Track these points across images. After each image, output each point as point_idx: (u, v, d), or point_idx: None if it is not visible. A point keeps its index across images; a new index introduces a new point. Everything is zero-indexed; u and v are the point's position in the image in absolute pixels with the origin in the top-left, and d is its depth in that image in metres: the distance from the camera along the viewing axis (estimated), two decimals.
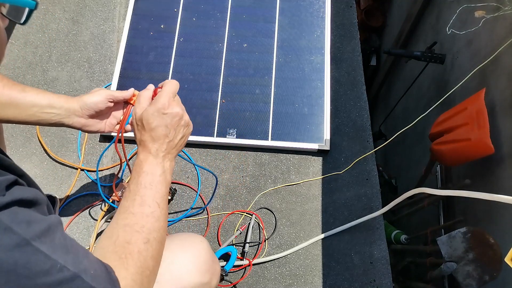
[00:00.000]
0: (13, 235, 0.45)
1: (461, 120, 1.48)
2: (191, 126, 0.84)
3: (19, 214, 0.48)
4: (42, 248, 0.48)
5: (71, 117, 0.89)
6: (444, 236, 1.41)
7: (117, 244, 0.64)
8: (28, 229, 0.47)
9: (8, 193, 0.47)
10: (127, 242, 0.65)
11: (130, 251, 0.64)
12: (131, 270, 0.62)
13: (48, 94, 0.87)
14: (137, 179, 0.73)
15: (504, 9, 1.45)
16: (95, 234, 1.23)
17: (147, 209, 0.70)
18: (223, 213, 1.34)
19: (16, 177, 0.51)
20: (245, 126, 1.42)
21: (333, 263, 1.28)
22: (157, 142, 0.76)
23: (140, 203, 0.70)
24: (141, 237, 0.66)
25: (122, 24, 1.61)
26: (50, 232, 0.51)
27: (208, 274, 0.86)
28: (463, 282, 1.33)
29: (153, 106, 0.78)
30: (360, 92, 1.54)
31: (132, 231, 0.66)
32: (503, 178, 1.39)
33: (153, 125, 0.76)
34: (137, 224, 0.67)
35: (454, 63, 1.88)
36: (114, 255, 0.63)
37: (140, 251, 0.65)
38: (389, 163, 2.80)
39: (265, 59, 1.50)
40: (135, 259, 0.63)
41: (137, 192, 0.71)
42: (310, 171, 1.41)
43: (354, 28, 1.66)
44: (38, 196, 0.54)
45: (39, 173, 1.35)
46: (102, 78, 1.51)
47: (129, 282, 0.61)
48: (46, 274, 0.47)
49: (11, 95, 0.83)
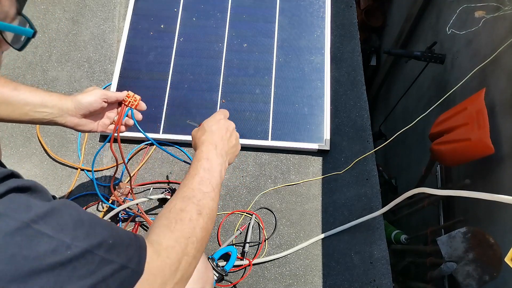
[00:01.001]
0: (10, 220, 0.45)
1: (461, 120, 1.48)
2: (240, 146, 0.94)
3: (16, 200, 0.47)
4: (45, 229, 0.47)
5: (64, 116, 0.89)
6: (444, 236, 1.41)
7: (172, 211, 0.68)
8: (27, 213, 0.47)
9: (3, 184, 0.47)
10: (181, 210, 0.69)
11: (181, 217, 0.67)
12: (177, 233, 0.64)
13: (41, 93, 0.87)
14: (197, 164, 0.79)
15: (504, 9, 1.45)
16: None
17: (205, 188, 0.75)
18: (223, 213, 1.34)
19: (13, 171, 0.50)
20: (245, 126, 1.42)
21: (333, 263, 1.28)
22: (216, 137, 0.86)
23: (199, 182, 0.76)
24: (195, 208, 0.70)
25: (122, 24, 1.61)
26: (55, 213, 0.50)
27: (201, 282, 0.85)
28: (463, 282, 1.33)
29: (212, 117, 0.92)
30: (360, 92, 1.54)
31: (188, 202, 0.71)
32: (503, 178, 1.39)
33: (214, 128, 0.87)
34: (194, 197, 0.72)
35: (454, 63, 1.88)
36: (165, 220, 0.66)
37: (191, 219, 0.68)
38: (389, 163, 2.80)
39: (265, 59, 1.50)
40: (185, 225, 0.66)
41: (197, 173, 0.77)
42: (310, 171, 1.41)
43: (354, 28, 1.66)
44: (37, 184, 0.53)
45: (39, 173, 1.35)
46: (102, 78, 1.51)
47: (171, 243, 0.62)
48: (53, 253, 0.46)
49: (3, 93, 0.82)
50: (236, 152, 0.92)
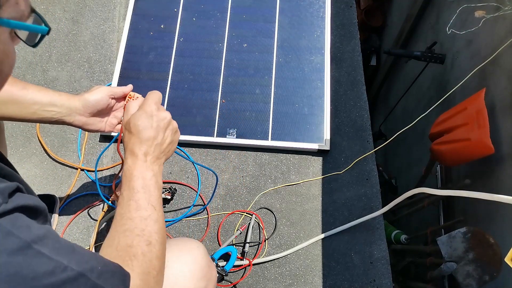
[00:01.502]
0: (15, 239, 0.45)
1: (461, 120, 1.48)
2: (179, 134, 0.84)
3: (20, 219, 0.48)
4: (44, 250, 0.48)
5: (73, 115, 0.89)
6: (444, 236, 1.41)
7: (119, 249, 0.64)
8: (29, 232, 0.48)
9: (10, 200, 0.48)
10: (129, 245, 0.64)
11: (133, 253, 0.63)
12: (137, 270, 0.62)
13: (50, 92, 0.87)
14: (128, 184, 0.72)
15: (504, 9, 1.45)
16: (95, 234, 1.23)
17: (144, 212, 0.69)
18: (223, 213, 1.34)
19: (18, 184, 0.51)
20: (245, 126, 1.42)
21: (333, 263, 1.28)
22: (144, 144, 0.75)
23: (135, 208, 0.69)
24: (143, 239, 0.66)
25: (122, 24, 1.61)
26: (51, 236, 0.51)
27: (204, 280, 0.85)
28: (463, 282, 1.33)
29: (140, 109, 0.78)
30: (360, 92, 1.54)
31: (132, 235, 0.66)
32: (503, 178, 1.39)
33: (141, 127, 0.75)
34: (136, 228, 0.67)
35: (454, 63, 1.88)
36: (117, 259, 0.62)
37: (144, 253, 0.64)
38: (389, 163, 2.80)
39: (265, 59, 1.50)
40: (140, 260, 0.63)
41: (131, 197, 0.70)
42: (310, 171, 1.41)
43: (354, 28, 1.66)
44: (39, 204, 0.54)
45: (39, 173, 1.35)
46: (102, 78, 1.51)
47: (137, 282, 0.61)
48: (50, 274, 0.47)
49: (12, 92, 0.82)
50: (174, 146, 0.83)
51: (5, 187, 0.48)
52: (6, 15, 0.46)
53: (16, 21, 0.48)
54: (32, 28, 0.52)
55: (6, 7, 0.46)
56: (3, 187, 0.48)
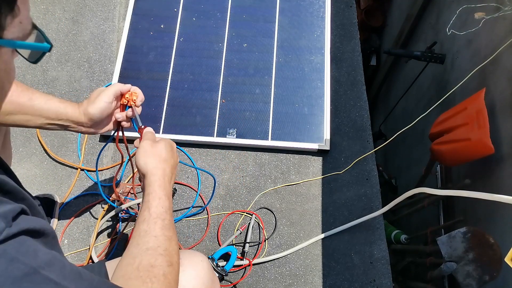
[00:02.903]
0: (20, 265, 0.44)
1: (461, 120, 1.48)
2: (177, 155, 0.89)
3: (25, 244, 0.47)
4: (51, 276, 0.47)
5: (80, 128, 0.91)
6: (444, 236, 1.41)
7: (141, 269, 0.63)
8: (35, 258, 0.46)
9: (14, 223, 0.47)
10: (152, 265, 0.64)
11: (155, 274, 0.63)
12: None
13: (55, 104, 0.87)
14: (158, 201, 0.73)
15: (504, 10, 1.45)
16: (95, 234, 1.23)
17: (168, 232, 0.70)
18: (223, 213, 1.34)
19: (22, 206, 0.50)
20: (245, 126, 1.42)
21: (333, 263, 1.28)
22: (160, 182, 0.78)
23: (161, 227, 0.70)
24: (165, 260, 0.66)
25: (122, 24, 1.61)
26: (58, 261, 0.50)
27: None
28: (463, 282, 1.33)
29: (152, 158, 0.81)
30: (360, 92, 1.54)
31: (156, 254, 0.66)
32: (503, 178, 1.39)
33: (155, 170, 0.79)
34: (160, 247, 0.67)
35: (454, 63, 1.88)
36: (138, 280, 0.61)
37: (165, 274, 0.64)
38: (389, 163, 2.80)
39: (265, 59, 1.50)
40: (161, 282, 0.62)
41: (158, 215, 0.71)
42: (310, 171, 1.41)
43: (354, 28, 1.66)
44: (45, 226, 0.53)
45: (39, 173, 1.35)
46: (102, 78, 1.51)
47: None
48: None
49: (19, 103, 0.83)
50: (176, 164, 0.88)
51: (8, 211, 0.47)
52: (10, 35, 0.46)
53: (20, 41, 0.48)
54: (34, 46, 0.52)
55: (10, 28, 0.46)
56: (7, 210, 0.46)
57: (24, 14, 0.48)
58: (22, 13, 0.47)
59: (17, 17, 0.46)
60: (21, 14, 0.47)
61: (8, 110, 0.82)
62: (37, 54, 0.54)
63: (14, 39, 0.47)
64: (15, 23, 0.46)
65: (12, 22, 0.46)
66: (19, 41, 0.48)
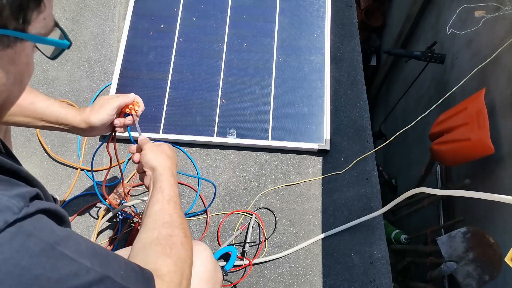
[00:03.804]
0: (37, 241, 0.45)
1: (461, 120, 1.48)
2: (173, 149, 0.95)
3: (42, 221, 0.48)
4: (67, 252, 0.48)
5: (79, 132, 0.95)
6: (444, 236, 1.41)
7: (160, 238, 0.69)
8: (51, 234, 0.48)
9: (32, 204, 0.48)
10: (170, 235, 0.70)
11: (173, 242, 0.69)
12: (175, 258, 0.67)
13: (56, 109, 0.90)
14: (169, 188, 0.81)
15: (504, 9, 1.45)
16: (95, 234, 1.23)
17: (180, 212, 0.78)
18: (223, 213, 1.34)
19: (37, 190, 0.51)
20: (245, 126, 1.42)
21: (333, 263, 1.28)
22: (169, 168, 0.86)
23: (174, 207, 0.77)
24: (182, 232, 0.73)
25: (122, 24, 1.61)
26: (73, 238, 0.51)
27: (210, 283, 0.85)
28: (463, 282, 1.33)
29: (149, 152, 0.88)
30: (360, 92, 1.54)
31: (172, 227, 0.73)
32: (503, 178, 1.39)
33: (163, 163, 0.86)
34: (175, 221, 0.74)
35: (454, 63, 1.88)
36: (157, 247, 0.67)
37: (182, 243, 0.71)
38: (389, 163, 2.80)
39: (265, 59, 1.50)
40: (179, 249, 0.69)
41: (171, 198, 0.79)
42: (310, 171, 1.41)
43: (354, 28, 1.66)
44: (60, 210, 0.55)
45: (39, 173, 1.35)
46: (102, 78, 1.51)
47: (172, 268, 0.65)
48: (75, 276, 0.47)
49: (21, 106, 0.86)
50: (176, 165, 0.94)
51: (26, 192, 0.48)
52: (34, 30, 0.48)
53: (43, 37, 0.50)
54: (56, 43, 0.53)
55: (34, 23, 0.47)
56: (25, 192, 0.48)
57: (49, 11, 0.50)
58: (47, 10, 0.49)
59: (42, 13, 0.48)
60: (46, 11, 0.49)
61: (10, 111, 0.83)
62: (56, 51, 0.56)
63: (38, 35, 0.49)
64: (40, 19, 0.48)
65: (37, 18, 0.48)
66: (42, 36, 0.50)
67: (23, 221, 0.45)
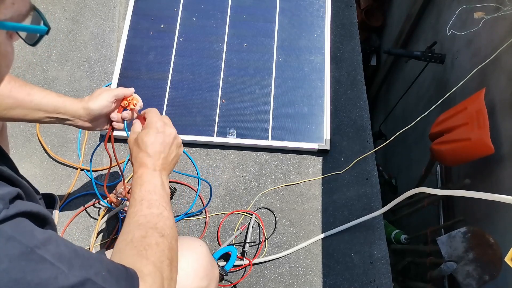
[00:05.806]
0: (17, 244, 0.45)
1: (461, 120, 1.48)
2: (182, 148, 0.91)
3: (22, 224, 0.48)
4: (47, 255, 0.47)
5: (76, 121, 0.92)
6: (444, 236, 1.41)
7: (134, 241, 0.67)
8: (32, 237, 0.47)
9: (12, 205, 0.47)
10: (143, 236, 0.67)
11: (148, 243, 0.66)
12: (152, 259, 0.64)
13: (54, 97, 0.89)
14: (140, 188, 0.76)
15: (504, 9, 1.45)
16: (95, 234, 1.23)
17: (156, 210, 0.73)
18: (223, 213, 1.34)
19: (18, 190, 0.51)
20: (245, 126, 1.42)
21: (333, 263, 1.28)
22: (153, 157, 0.80)
23: (147, 206, 0.73)
24: (156, 232, 0.69)
25: (122, 23, 1.61)
26: (54, 240, 0.51)
27: (207, 279, 0.85)
28: (463, 282, 1.33)
29: (148, 127, 0.83)
30: (360, 92, 1.54)
31: (146, 228, 0.69)
32: (503, 178, 1.39)
33: (149, 143, 0.80)
34: (149, 222, 0.70)
35: (454, 63, 1.88)
36: (132, 250, 0.65)
37: (157, 243, 0.67)
38: (389, 163, 2.80)
39: (265, 59, 1.50)
40: (154, 249, 0.66)
41: (143, 198, 0.74)
42: (310, 171, 1.41)
43: (354, 28, 1.66)
44: (42, 211, 0.54)
45: (39, 173, 1.35)
46: (102, 78, 1.51)
47: (151, 268, 0.62)
48: (55, 280, 0.47)
49: (17, 98, 0.84)
50: (177, 159, 0.89)
51: (6, 193, 0.47)
52: (2, 16, 0.45)
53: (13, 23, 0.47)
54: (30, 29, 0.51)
55: (1, 9, 0.45)
56: (5, 193, 0.47)
57: None
58: None
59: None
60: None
61: (6, 105, 0.84)
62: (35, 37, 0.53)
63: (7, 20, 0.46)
64: (7, 4, 0.46)
65: (3, 2, 0.45)
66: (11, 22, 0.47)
67: (2, 224, 0.45)
